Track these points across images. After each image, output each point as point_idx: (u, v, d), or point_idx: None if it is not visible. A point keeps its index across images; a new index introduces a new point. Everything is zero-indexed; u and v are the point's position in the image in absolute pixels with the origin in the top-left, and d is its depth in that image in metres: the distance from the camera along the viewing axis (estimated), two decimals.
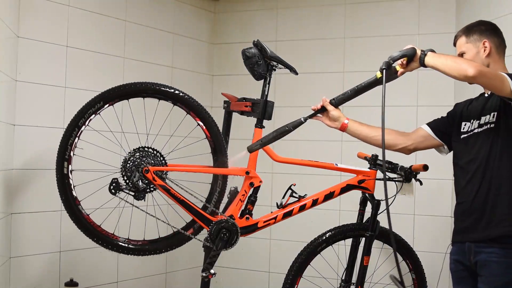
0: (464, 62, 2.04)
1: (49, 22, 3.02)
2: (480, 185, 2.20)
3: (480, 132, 2.25)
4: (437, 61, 2.09)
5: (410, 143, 2.51)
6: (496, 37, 2.28)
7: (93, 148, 2.63)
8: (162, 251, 2.56)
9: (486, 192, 2.18)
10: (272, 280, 3.86)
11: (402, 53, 2.17)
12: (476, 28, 2.30)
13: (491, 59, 2.25)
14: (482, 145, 2.22)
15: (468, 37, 2.29)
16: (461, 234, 2.28)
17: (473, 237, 2.20)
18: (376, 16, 3.70)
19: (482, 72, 1.99)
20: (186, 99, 2.48)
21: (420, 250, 3.12)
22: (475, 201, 2.21)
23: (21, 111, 2.90)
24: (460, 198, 2.33)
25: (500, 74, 2.06)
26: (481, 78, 2.01)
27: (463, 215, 2.28)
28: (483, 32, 2.28)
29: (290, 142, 3.83)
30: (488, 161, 2.19)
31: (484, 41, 2.25)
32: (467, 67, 1.98)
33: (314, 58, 3.83)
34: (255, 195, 2.59)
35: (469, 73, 1.97)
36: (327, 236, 2.75)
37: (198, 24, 3.99)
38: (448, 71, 2.06)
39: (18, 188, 2.88)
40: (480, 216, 2.19)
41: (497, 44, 2.27)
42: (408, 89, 3.58)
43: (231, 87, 3.86)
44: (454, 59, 2.08)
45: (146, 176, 2.40)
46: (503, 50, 2.30)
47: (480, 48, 2.26)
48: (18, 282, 2.88)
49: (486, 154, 2.20)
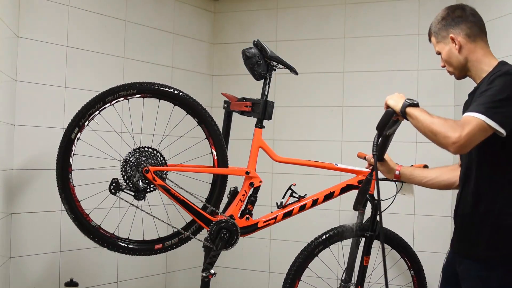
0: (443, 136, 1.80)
1: (49, 22, 3.02)
2: (460, 197, 2.06)
3: None
4: (415, 125, 1.94)
5: None
6: (463, 23, 2.01)
7: (93, 148, 2.64)
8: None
9: (465, 206, 2.02)
10: (272, 280, 3.86)
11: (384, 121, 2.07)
12: (440, 23, 2.07)
13: (466, 52, 2.01)
14: (468, 158, 2.03)
15: (436, 36, 2.09)
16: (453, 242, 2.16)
17: (456, 247, 2.09)
18: (376, 16, 3.70)
19: (465, 144, 1.77)
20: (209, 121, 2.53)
21: (420, 250, 3.12)
22: (457, 213, 2.08)
23: (21, 111, 2.90)
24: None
25: (477, 123, 1.77)
26: (468, 148, 1.80)
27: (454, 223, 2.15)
28: (448, 25, 2.04)
29: (290, 142, 3.84)
30: (467, 170, 2.02)
31: (451, 36, 2.02)
32: (447, 145, 1.79)
33: (314, 58, 3.83)
34: (255, 195, 2.59)
35: (452, 152, 1.82)
36: (327, 236, 2.75)
37: (198, 24, 3.99)
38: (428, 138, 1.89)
39: (18, 188, 2.88)
40: (460, 231, 2.07)
41: (467, 31, 2.01)
42: (408, 89, 3.58)
43: (231, 87, 3.87)
44: (434, 129, 1.83)
45: (146, 176, 2.41)
46: (478, 33, 2.02)
47: (451, 45, 2.03)
48: (18, 282, 2.88)
49: (467, 161, 2.03)
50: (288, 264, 2.76)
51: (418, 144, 3.21)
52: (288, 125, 3.87)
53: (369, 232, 2.72)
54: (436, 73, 3.48)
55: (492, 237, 1.92)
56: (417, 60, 3.59)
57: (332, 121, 3.77)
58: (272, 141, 3.77)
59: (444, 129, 1.80)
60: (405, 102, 1.96)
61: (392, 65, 3.65)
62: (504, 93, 1.81)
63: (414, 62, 3.60)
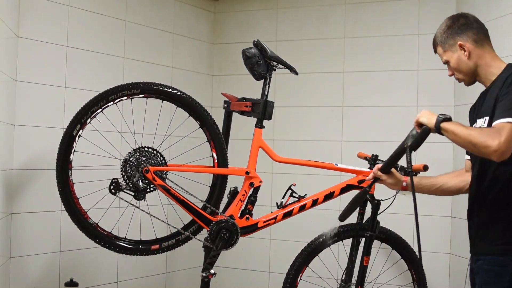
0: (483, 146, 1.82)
1: (49, 22, 3.02)
2: (474, 199, 2.10)
3: None
4: (452, 139, 1.94)
5: (469, 180, 2.24)
6: (469, 30, 2.08)
7: (94, 147, 2.64)
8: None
9: (478, 207, 2.07)
10: (272, 280, 3.86)
11: (420, 140, 2.03)
12: (446, 33, 2.11)
13: (475, 57, 2.06)
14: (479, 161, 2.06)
15: (443, 46, 2.13)
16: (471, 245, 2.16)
17: (474, 248, 2.10)
18: (376, 16, 3.69)
19: (506, 151, 1.80)
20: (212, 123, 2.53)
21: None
22: (473, 213, 2.11)
23: (21, 111, 2.90)
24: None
25: (508, 126, 1.81)
26: (508, 154, 1.82)
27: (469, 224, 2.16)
28: (454, 34, 2.09)
29: (290, 142, 3.84)
30: (480, 173, 2.06)
31: (459, 43, 2.07)
32: (489, 155, 1.82)
33: (314, 58, 3.83)
34: (255, 195, 2.59)
35: (496, 160, 1.83)
36: (327, 236, 2.75)
37: (198, 24, 3.99)
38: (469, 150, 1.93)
39: (18, 188, 2.88)
40: (474, 232, 2.09)
41: (474, 37, 2.07)
42: (408, 89, 3.58)
43: (231, 87, 3.87)
44: (472, 141, 1.85)
45: (146, 176, 2.41)
46: (484, 38, 2.09)
47: (459, 52, 2.08)
48: (18, 282, 2.88)
49: (479, 164, 2.06)
50: (288, 264, 2.76)
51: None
52: (288, 125, 3.87)
53: (369, 232, 2.73)
54: (436, 73, 3.48)
55: (502, 232, 1.96)
56: (417, 60, 3.59)
57: (332, 121, 3.76)
58: (272, 141, 3.77)
59: (482, 138, 1.82)
60: (439, 117, 1.96)
61: (392, 65, 3.64)
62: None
63: (414, 62, 3.60)
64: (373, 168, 2.37)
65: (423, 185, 2.36)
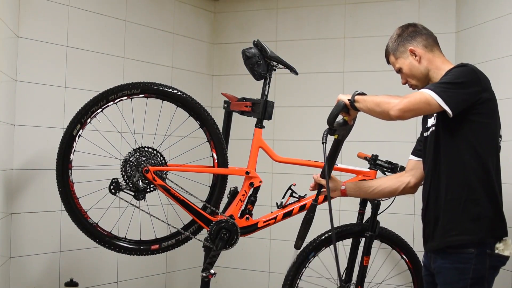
0: (385, 103, 1.97)
1: (49, 22, 3.02)
2: (429, 192, 2.11)
3: (427, 135, 2.17)
4: (363, 107, 2.09)
5: (407, 180, 2.35)
6: (418, 36, 2.17)
7: (94, 147, 2.64)
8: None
9: (433, 200, 2.08)
10: (272, 280, 3.86)
11: (335, 113, 2.18)
12: (397, 41, 2.20)
13: (426, 62, 2.14)
14: (429, 149, 2.12)
15: (395, 53, 2.21)
16: (424, 242, 2.18)
17: (430, 245, 2.11)
18: (376, 16, 3.70)
19: (405, 108, 1.93)
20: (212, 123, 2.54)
21: (420, 250, 3.11)
22: (427, 208, 2.13)
23: (21, 111, 2.90)
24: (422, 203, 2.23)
25: (422, 96, 1.93)
26: (408, 113, 1.94)
27: (423, 222, 2.19)
28: (405, 40, 2.18)
29: (290, 142, 3.84)
30: (433, 167, 2.09)
31: (410, 49, 2.16)
32: (389, 109, 1.95)
33: (314, 58, 3.83)
34: (255, 195, 2.59)
35: (392, 115, 1.95)
36: (327, 236, 2.76)
37: (198, 24, 3.99)
38: (375, 115, 2.05)
39: (18, 188, 2.88)
40: (430, 225, 2.10)
41: (423, 43, 2.16)
42: (408, 89, 3.57)
43: (231, 87, 3.87)
44: (377, 101, 2.02)
45: (146, 176, 2.41)
46: (433, 43, 2.18)
47: (410, 58, 2.16)
48: (18, 282, 2.88)
49: (431, 159, 2.10)
50: (288, 264, 2.76)
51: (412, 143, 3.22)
52: (288, 125, 3.87)
53: (369, 232, 2.73)
54: None
55: (464, 222, 1.98)
56: None
57: None
58: (272, 141, 3.77)
59: (387, 99, 1.98)
60: (354, 92, 2.13)
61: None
62: (457, 79, 1.95)
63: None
64: (314, 176, 2.43)
65: (361, 188, 2.44)
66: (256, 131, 2.56)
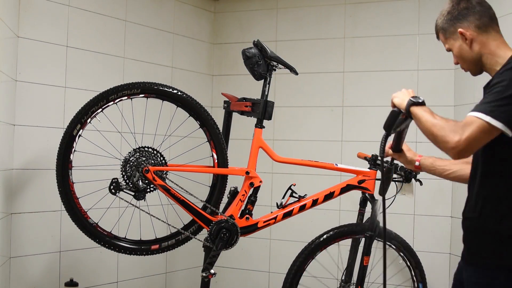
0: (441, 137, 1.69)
1: (49, 22, 3.02)
2: (467, 198, 1.91)
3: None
4: (417, 123, 1.82)
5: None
6: (470, 15, 1.88)
7: (94, 147, 2.64)
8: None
9: (470, 209, 1.87)
10: (272, 280, 3.86)
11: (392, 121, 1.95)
12: (446, 18, 1.93)
13: (479, 45, 1.88)
14: (475, 155, 1.87)
15: (444, 33, 1.95)
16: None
17: (463, 252, 1.92)
18: (376, 16, 3.70)
19: (467, 149, 1.65)
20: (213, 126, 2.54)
21: (420, 250, 3.12)
22: (464, 215, 1.92)
23: (21, 111, 2.90)
24: None
25: (480, 125, 1.64)
26: (470, 153, 1.69)
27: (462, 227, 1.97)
28: (455, 19, 1.90)
29: (290, 142, 3.84)
30: (473, 170, 1.88)
31: (460, 31, 1.88)
32: (447, 150, 1.68)
33: (314, 58, 3.83)
34: (255, 195, 2.59)
35: (453, 157, 1.69)
36: (327, 236, 2.76)
37: (198, 24, 3.99)
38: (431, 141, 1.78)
39: (18, 188, 2.88)
40: (465, 235, 1.90)
41: (476, 23, 1.87)
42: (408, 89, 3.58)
43: (231, 87, 3.87)
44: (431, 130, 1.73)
45: (146, 176, 2.41)
46: (489, 22, 1.89)
47: (461, 40, 1.90)
48: (18, 282, 2.88)
49: (473, 159, 1.89)
50: (288, 264, 2.76)
51: (418, 144, 3.22)
52: (288, 125, 3.87)
53: (369, 232, 2.72)
54: (436, 73, 3.48)
55: (494, 245, 1.77)
56: (417, 60, 3.59)
57: (332, 121, 3.77)
58: (272, 141, 3.77)
59: (444, 132, 1.68)
60: (409, 100, 1.84)
61: (392, 65, 3.65)
62: (511, 89, 1.66)
63: (414, 62, 3.60)
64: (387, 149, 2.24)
65: (436, 167, 2.22)
66: (256, 131, 2.56)
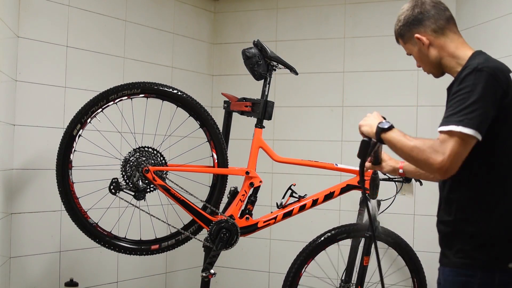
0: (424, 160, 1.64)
1: (49, 22, 3.02)
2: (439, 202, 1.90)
3: None
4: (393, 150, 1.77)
5: None
6: (426, 20, 1.85)
7: (94, 147, 2.64)
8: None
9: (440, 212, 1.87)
10: (272, 280, 3.86)
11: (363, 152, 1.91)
12: (402, 24, 1.91)
13: (437, 48, 1.86)
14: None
15: (402, 38, 1.95)
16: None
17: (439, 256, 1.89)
18: (376, 16, 3.69)
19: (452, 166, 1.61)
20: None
21: (420, 250, 3.12)
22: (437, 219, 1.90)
23: (21, 111, 2.90)
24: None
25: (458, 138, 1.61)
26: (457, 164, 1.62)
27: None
28: (410, 25, 1.88)
29: (290, 142, 3.84)
30: (444, 180, 1.85)
31: (416, 36, 1.87)
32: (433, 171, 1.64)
33: (314, 58, 3.83)
34: (255, 195, 2.59)
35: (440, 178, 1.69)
36: (327, 236, 2.76)
37: (198, 24, 3.99)
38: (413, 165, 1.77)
39: (18, 188, 2.88)
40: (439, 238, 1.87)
41: (432, 27, 1.85)
42: (408, 89, 3.58)
43: (231, 87, 3.87)
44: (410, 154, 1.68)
45: (146, 176, 2.41)
46: (445, 24, 1.86)
47: (418, 44, 1.88)
48: (18, 282, 2.88)
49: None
50: (288, 264, 2.76)
51: None
52: (288, 125, 3.87)
53: (369, 232, 2.72)
54: None
55: (469, 246, 1.74)
56: None
57: (332, 121, 3.77)
58: (272, 141, 3.77)
59: (424, 155, 1.63)
60: (377, 128, 1.78)
61: (392, 65, 3.64)
62: (474, 93, 1.65)
63: (414, 62, 3.56)
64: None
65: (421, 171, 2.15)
66: (256, 131, 2.57)
